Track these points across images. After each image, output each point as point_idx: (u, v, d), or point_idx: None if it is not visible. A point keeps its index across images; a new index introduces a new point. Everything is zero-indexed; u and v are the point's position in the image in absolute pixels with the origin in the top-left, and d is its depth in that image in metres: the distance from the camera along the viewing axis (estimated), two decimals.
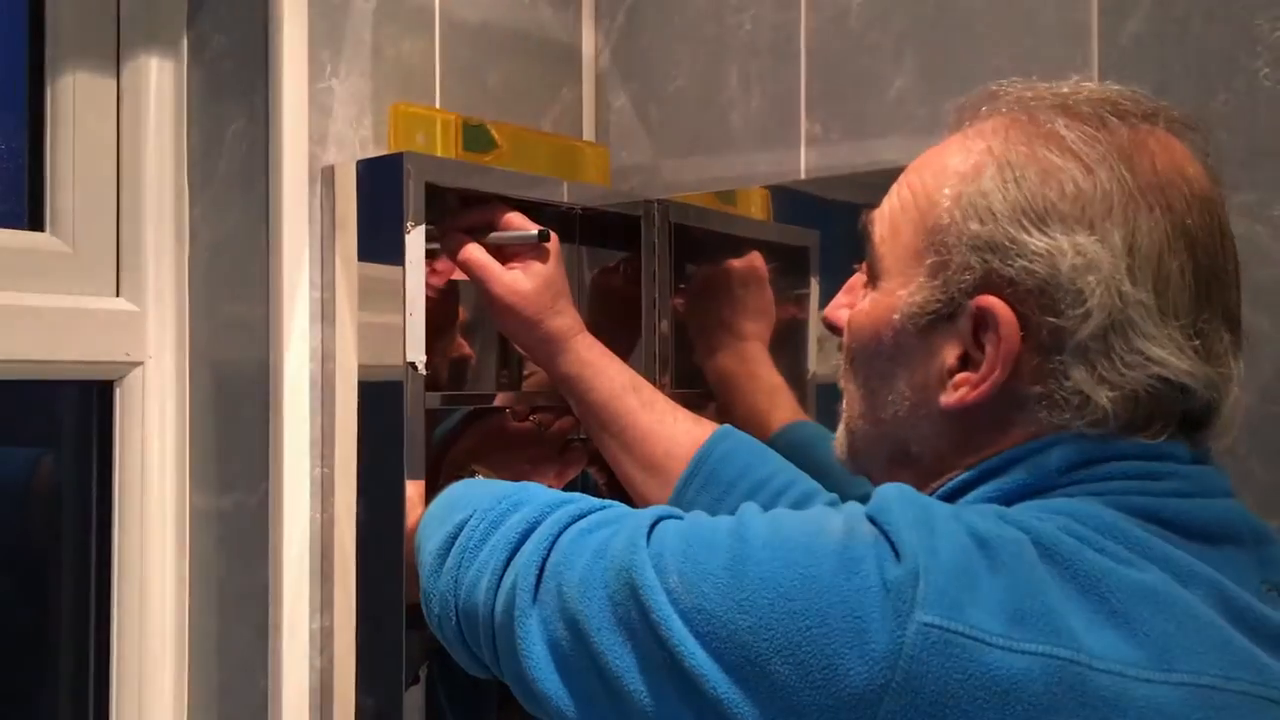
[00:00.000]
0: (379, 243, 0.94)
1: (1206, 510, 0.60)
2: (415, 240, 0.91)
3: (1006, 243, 0.60)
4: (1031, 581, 0.52)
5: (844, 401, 0.72)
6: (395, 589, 0.91)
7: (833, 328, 0.73)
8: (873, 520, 0.56)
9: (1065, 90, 0.64)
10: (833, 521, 0.57)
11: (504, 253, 0.95)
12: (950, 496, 0.63)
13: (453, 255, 0.95)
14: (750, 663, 0.53)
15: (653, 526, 0.62)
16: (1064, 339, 0.59)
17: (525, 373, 1.16)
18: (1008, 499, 0.60)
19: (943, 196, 0.63)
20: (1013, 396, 0.61)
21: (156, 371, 0.99)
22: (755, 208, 1.36)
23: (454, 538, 0.74)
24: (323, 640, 0.95)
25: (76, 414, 1.01)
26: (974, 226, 0.61)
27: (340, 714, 0.95)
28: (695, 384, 1.17)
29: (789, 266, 1.21)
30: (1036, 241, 0.59)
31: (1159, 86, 0.92)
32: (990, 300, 0.60)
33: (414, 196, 0.91)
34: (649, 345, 1.14)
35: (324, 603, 0.95)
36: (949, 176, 0.63)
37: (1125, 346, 0.58)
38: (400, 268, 0.91)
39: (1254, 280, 0.87)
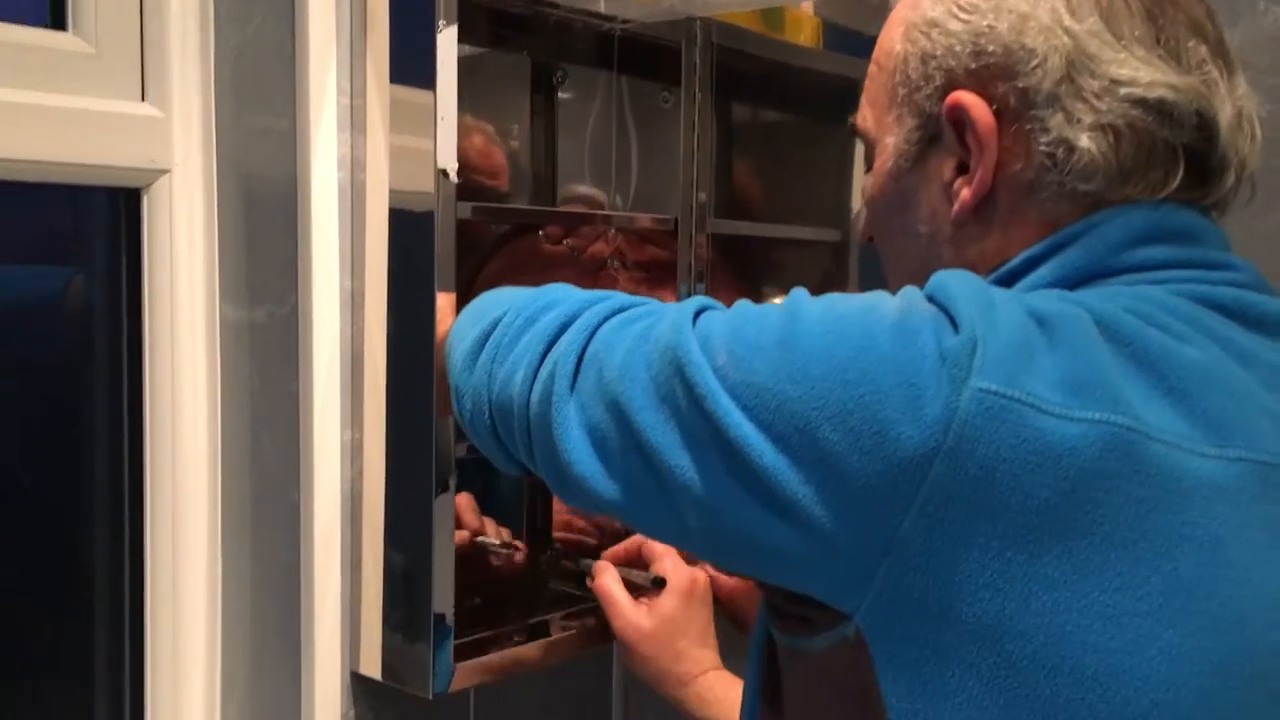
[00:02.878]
0: (409, 45, 0.90)
1: (1265, 303, 0.59)
2: (447, 40, 0.87)
3: (952, 41, 0.62)
4: (1090, 354, 0.52)
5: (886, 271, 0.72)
6: (425, 400, 0.90)
7: None
8: (931, 299, 0.55)
9: None
10: (889, 301, 0.56)
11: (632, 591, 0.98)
12: (1003, 283, 0.61)
13: (591, 580, 0.99)
14: (799, 431, 0.53)
15: (697, 314, 0.61)
16: (1032, 95, 0.59)
17: None
18: (1069, 283, 0.59)
19: (895, 40, 0.66)
20: (1012, 182, 0.61)
21: (183, 179, 0.96)
22: (805, 35, 1.29)
23: (488, 334, 0.73)
24: (353, 451, 0.95)
25: (106, 224, 1.00)
26: (923, 44, 0.63)
27: (370, 523, 0.95)
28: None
29: (838, 100, 1.16)
30: (977, 20, 0.61)
31: None
32: (954, 95, 0.61)
33: None
34: (685, 196, 1.10)
35: (354, 414, 0.95)
36: (897, 24, 0.66)
37: (1090, 77, 0.58)
38: (432, 71, 0.87)
39: None
